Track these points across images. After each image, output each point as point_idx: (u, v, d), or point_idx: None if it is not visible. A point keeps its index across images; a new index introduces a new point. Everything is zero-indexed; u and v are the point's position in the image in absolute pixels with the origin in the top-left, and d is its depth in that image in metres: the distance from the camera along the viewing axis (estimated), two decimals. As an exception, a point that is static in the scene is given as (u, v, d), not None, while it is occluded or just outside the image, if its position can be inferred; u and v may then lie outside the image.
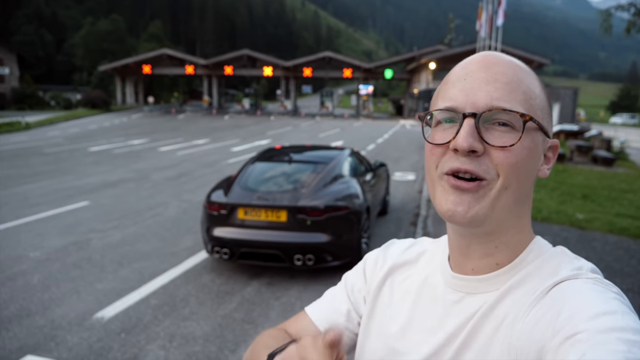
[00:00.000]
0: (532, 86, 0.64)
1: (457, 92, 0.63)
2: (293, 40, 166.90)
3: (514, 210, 0.64)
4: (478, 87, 0.62)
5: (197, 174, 11.62)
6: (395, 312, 0.75)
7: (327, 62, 49.78)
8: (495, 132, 0.61)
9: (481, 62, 0.64)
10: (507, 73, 0.62)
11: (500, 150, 0.60)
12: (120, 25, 72.08)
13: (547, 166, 0.67)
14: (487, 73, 0.62)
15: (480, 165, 0.61)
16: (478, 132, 0.60)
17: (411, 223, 7.25)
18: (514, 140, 0.60)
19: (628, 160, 16.61)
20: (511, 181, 0.61)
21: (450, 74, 0.67)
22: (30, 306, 4.27)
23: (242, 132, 25.11)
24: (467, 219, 0.61)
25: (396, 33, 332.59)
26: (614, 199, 8.89)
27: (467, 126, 0.60)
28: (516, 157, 0.60)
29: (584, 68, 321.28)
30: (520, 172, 0.61)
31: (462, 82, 0.63)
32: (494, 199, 0.61)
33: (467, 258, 0.68)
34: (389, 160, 13.21)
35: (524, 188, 0.63)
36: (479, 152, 0.60)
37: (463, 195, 0.61)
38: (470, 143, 0.59)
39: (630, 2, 10.56)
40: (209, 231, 5.05)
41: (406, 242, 0.84)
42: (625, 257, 5.64)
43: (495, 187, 0.61)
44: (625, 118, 57.16)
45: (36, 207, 7.90)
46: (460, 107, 0.62)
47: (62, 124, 28.66)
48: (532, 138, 0.62)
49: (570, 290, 0.57)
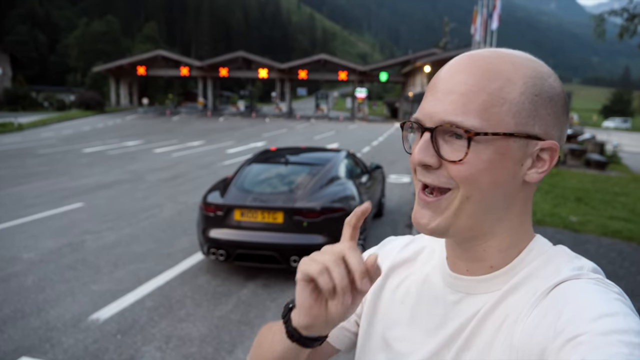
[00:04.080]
0: (504, 90, 0.59)
1: (425, 102, 0.64)
2: (288, 42, 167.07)
3: (486, 218, 0.63)
4: (437, 100, 0.61)
5: (192, 176, 11.60)
6: (396, 313, 0.74)
7: (322, 64, 49.85)
8: (450, 145, 0.61)
9: (449, 70, 0.63)
10: (467, 82, 0.60)
11: (453, 163, 0.60)
12: (115, 27, 71.91)
13: (540, 169, 0.62)
14: (447, 83, 0.61)
15: (439, 177, 0.62)
16: (434, 146, 0.61)
17: (407, 225, 7.27)
18: (462, 155, 0.59)
19: (621, 163, 16.75)
20: (471, 191, 0.61)
21: (434, 76, 0.67)
22: (24, 308, 4.25)
23: (237, 134, 25.08)
24: (428, 230, 0.64)
25: (391, 36, 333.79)
26: (607, 202, 8.96)
27: (423, 141, 0.61)
28: (469, 170, 0.60)
29: (577, 72, 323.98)
30: (480, 182, 0.60)
31: (432, 90, 0.63)
32: (456, 208, 0.62)
33: (459, 259, 0.68)
34: (385, 162, 13.23)
35: (492, 196, 0.61)
36: (434, 166, 0.61)
37: (425, 209, 0.64)
38: (420, 158, 0.61)
39: (623, 7, 10.67)
40: (205, 232, 5.04)
41: (404, 239, 0.83)
42: (618, 259, 5.69)
43: (457, 197, 0.61)
44: (617, 122, 57.68)
45: (30, 209, 7.86)
46: (422, 119, 0.63)
47: (55, 125, 28.50)
48: (495, 148, 0.59)
49: (572, 290, 0.56)
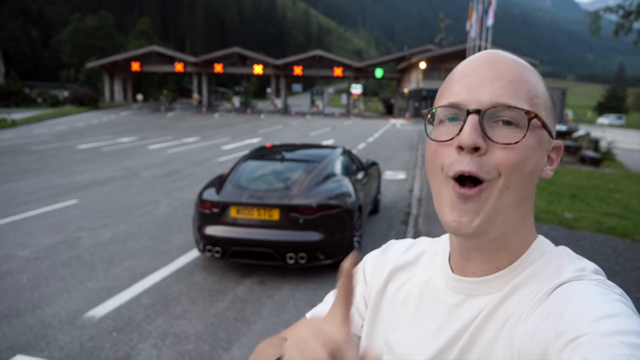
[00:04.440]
0: (537, 85, 0.63)
1: (460, 88, 0.62)
2: (283, 38, 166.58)
3: (516, 212, 0.62)
4: (482, 84, 0.61)
5: (188, 172, 11.56)
6: (398, 317, 0.74)
7: (317, 60, 49.77)
8: (499, 130, 0.59)
9: (486, 59, 0.63)
10: (512, 70, 0.61)
11: (503, 148, 0.59)
12: (109, 22, 71.38)
13: (551, 167, 0.66)
14: (491, 70, 0.61)
15: (482, 166, 0.59)
16: (482, 129, 0.59)
17: (402, 222, 7.28)
18: (518, 137, 0.59)
19: (615, 160, 16.82)
20: (513, 180, 0.59)
21: (454, 71, 0.66)
22: (19, 305, 4.22)
23: (232, 131, 25.02)
24: (472, 229, 0.60)
25: (387, 32, 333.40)
26: (602, 199, 9.00)
27: (471, 122, 0.59)
28: (519, 156, 0.59)
29: (572, 69, 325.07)
30: (523, 171, 0.60)
31: (466, 79, 0.62)
32: (496, 199, 0.60)
33: (468, 261, 0.67)
34: (380, 159, 13.24)
35: (526, 188, 0.61)
36: (482, 150, 0.59)
37: (467, 204, 0.60)
38: (474, 140, 0.58)
39: (618, 5, 10.71)
40: (200, 229, 5.02)
41: (405, 242, 0.82)
42: (612, 255, 5.72)
43: (496, 187, 0.59)
44: (612, 119, 57.92)
45: (24, 206, 7.81)
46: (464, 103, 0.61)
47: (49, 122, 28.33)
48: (536, 137, 0.61)
49: (573, 292, 0.56)
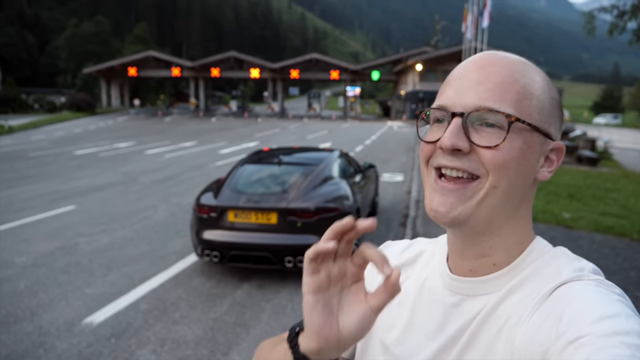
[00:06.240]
0: (532, 86, 0.63)
1: (451, 91, 0.64)
2: (280, 42, 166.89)
3: (503, 211, 0.63)
4: (469, 87, 0.62)
5: (185, 177, 11.55)
6: (395, 317, 0.73)
7: (314, 63, 49.86)
8: (482, 133, 0.61)
9: (477, 63, 0.65)
10: (502, 73, 0.62)
11: (487, 149, 0.60)
12: (105, 27, 71.43)
13: (549, 169, 0.66)
14: (479, 73, 0.63)
15: (470, 162, 0.61)
16: (465, 132, 0.61)
17: (400, 224, 7.28)
18: (500, 140, 0.60)
19: (612, 159, 16.88)
20: (500, 181, 0.61)
21: (450, 74, 0.68)
22: (17, 312, 4.21)
23: (230, 135, 25.02)
24: (449, 218, 0.62)
25: (383, 35, 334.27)
26: (599, 198, 9.02)
27: (453, 125, 0.61)
28: (504, 157, 0.60)
29: (568, 69, 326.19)
30: (510, 172, 0.61)
31: (457, 82, 0.64)
32: (481, 198, 0.61)
33: (463, 259, 0.67)
34: (378, 161, 13.24)
35: (515, 189, 0.62)
36: (465, 151, 0.61)
37: (447, 196, 0.62)
38: (453, 142, 0.60)
39: (613, 5, 10.76)
40: (198, 234, 5.01)
41: (402, 243, 0.82)
42: (611, 255, 5.73)
43: (484, 185, 0.61)
44: (608, 118, 58.16)
45: (21, 212, 7.78)
46: (450, 106, 0.63)
47: (46, 127, 28.29)
48: (523, 139, 0.61)
49: (573, 292, 0.56)
